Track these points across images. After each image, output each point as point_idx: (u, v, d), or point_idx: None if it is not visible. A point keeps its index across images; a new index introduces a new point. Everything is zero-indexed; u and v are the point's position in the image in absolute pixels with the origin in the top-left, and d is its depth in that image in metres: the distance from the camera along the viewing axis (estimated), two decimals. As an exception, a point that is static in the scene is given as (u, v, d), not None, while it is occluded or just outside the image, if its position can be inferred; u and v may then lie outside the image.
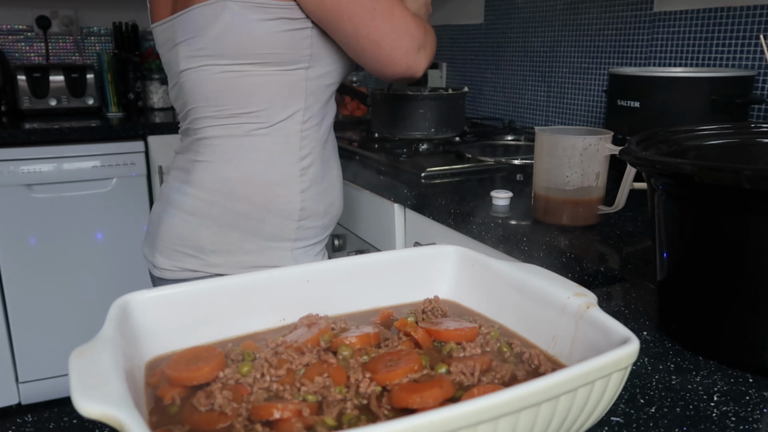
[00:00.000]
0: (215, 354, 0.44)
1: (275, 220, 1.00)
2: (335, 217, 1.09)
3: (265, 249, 1.02)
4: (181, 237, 1.00)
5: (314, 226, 1.05)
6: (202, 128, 0.99)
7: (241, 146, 0.98)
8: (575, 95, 1.76)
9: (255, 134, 0.98)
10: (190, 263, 1.01)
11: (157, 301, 0.46)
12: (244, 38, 0.93)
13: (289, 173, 1.00)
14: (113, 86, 2.50)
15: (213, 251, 1.00)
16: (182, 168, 1.03)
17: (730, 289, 0.55)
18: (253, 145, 0.98)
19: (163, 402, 0.40)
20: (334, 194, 1.08)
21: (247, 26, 0.92)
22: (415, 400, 0.39)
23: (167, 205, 1.03)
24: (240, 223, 0.99)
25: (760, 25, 1.26)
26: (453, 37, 2.28)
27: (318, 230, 1.06)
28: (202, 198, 0.99)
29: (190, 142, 1.02)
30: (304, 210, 1.02)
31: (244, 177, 0.98)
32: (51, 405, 2.21)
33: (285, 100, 0.98)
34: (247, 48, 0.94)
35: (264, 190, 0.99)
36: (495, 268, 0.53)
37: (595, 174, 0.95)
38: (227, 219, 0.99)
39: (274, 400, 0.40)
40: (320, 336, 0.47)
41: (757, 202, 0.51)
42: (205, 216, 0.99)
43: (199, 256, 1.01)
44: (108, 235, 2.19)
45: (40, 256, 2.11)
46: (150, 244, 1.06)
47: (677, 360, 0.58)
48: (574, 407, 0.37)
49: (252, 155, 0.98)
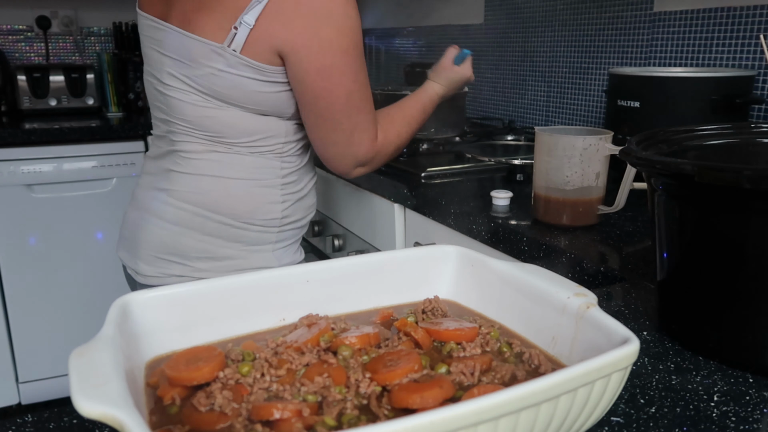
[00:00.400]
0: (215, 354, 0.44)
1: (257, 229, 1.03)
2: (311, 215, 1.13)
3: (248, 253, 1.03)
4: (164, 245, 1.01)
5: (293, 228, 1.08)
6: (181, 141, 0.99)
7: (223, 162, 0.98)
8: (575, 95, 1.76)
9: (236, 153, 0.98)
10: (176, 269, 1.02)
11: (157, 301, 0.46)
12: (232, 89, 0.93)
13: (270, 187, 1.02)
14: (113, 86, 2.50)
15: (198, 258, 1.01)
16: (158, 175, 1.03)
17: (731, 289, 0.55)
18: (234, 161, 0.99)
19: (163, 402, 0.40)
20: (312, 199, 1.11)
21: (238, 79, 0.92)
22: (415, 400, 0.39)
23: (146, 213, 1.02)
24: (223, 232, 1.01)
25: (760, 25, 1.26)
26: (453, 37, 2.28)
27: (297, 231, 1.10)
28: (184, 209, 0.99)
29: (169, 151, 1.01)
30: (285, 218, 1.05)
31: (225, 191, 0.99)
32: (51, 405, 2.21)
33: (265, 133, 0.99)
34: (233, 97, 0.94)
35: (246, 204, 1.00)
36: (495, 268, 0.53)
37: (595, 174, 0.95)
38: (210, 228, 1.00)
39: (274, 400, 0.40)
40: (320, 336, 0.47)
41: (757, 202, 0.51)
42: (188, 226, 1.00)
43: (184, 262, 1.01)
44: (108, 235, 2.19)
45: (40, 256, 2.11)
46: (129, 251, 1.05)
47: (677, 360, 0.58)
48: (574, 407, 0.37)
49: (233, 171, 0.99)
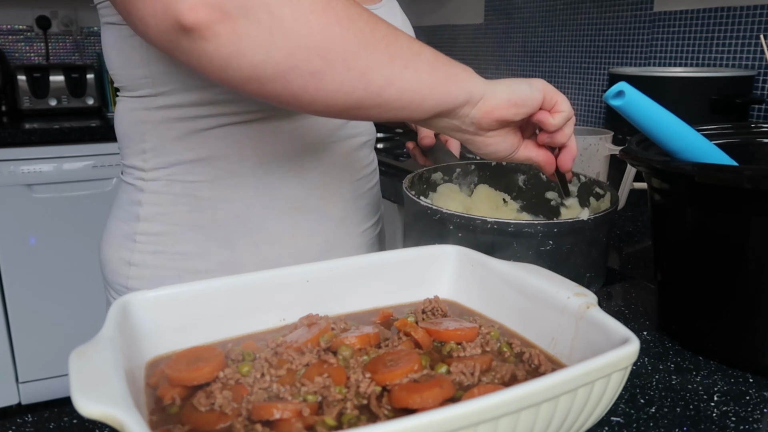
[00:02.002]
0: (215, 354, 0.44)
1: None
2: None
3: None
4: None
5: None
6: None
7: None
8: (575, 95, 1.76)
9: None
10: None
11: (157, 301, 0.46)
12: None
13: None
14: (113, 86, 2.50)
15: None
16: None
17: (731, 289, 0.55)
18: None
19: (163, 402, 0.40)
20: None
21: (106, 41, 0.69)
22: (415, 400, 0.39)
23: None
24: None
25: (760, 25, 1.26)
26: (453, 37, 2.28)
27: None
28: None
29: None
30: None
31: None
32: (51, 405, 2.21)
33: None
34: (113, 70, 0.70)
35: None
36: (495, 268, 0.53)
37: (595, 174, 0.95)
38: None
39: (274, 400, 0.40)
40: (320, 336, 0.47)
41: (757, 202, 0.51)
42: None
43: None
44: (108, 235, 2.19)
45: (40, 256, 2.11)
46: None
47: (677, 360, 0.58)
48: (574, 407, 0.37)
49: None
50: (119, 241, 0.74)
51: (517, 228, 0.57)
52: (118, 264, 0.74)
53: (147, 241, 0.72)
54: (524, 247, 0.58)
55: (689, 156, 0.59)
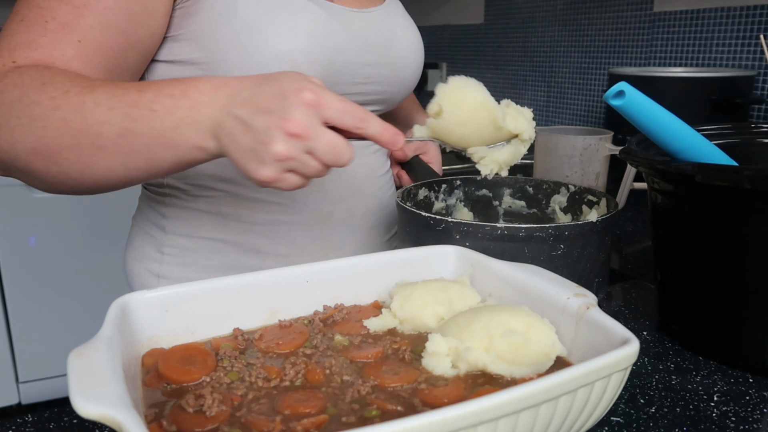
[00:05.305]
0: (207, 357, 0.44)
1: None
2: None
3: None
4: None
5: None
6: None
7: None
8: (575, 95, 1.76)
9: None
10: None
11: (156, 301, 0.46)
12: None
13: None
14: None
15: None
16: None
17: (730, 289, 0.55)
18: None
19: (153, 389, 0.41)
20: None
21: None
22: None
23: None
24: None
25: (760, 25, 1.26)
26: (453, 37, 2.28)
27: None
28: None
29: None
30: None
31: None
32: (51, 405, 2.21)
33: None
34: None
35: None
36: (495, 268, 0.53)
37: (595, 174, 0.95)
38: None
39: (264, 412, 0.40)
40: (304, 341, 0.48)
41: (757, 202, 0.51)
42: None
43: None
44: (108, 235, 2.18)
45: (40, 256, 2.11)
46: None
47: (677, 360, 0.58)
48: (574, 408, 0.37)
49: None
50: (146, 253, 0.74)
51: (528, 233, 0.57)
52: (146, 277, 0.73)
53: (175, 253, 0.72)
54: (536, 252, 0.58)
55: (689, 156, 0.59)
